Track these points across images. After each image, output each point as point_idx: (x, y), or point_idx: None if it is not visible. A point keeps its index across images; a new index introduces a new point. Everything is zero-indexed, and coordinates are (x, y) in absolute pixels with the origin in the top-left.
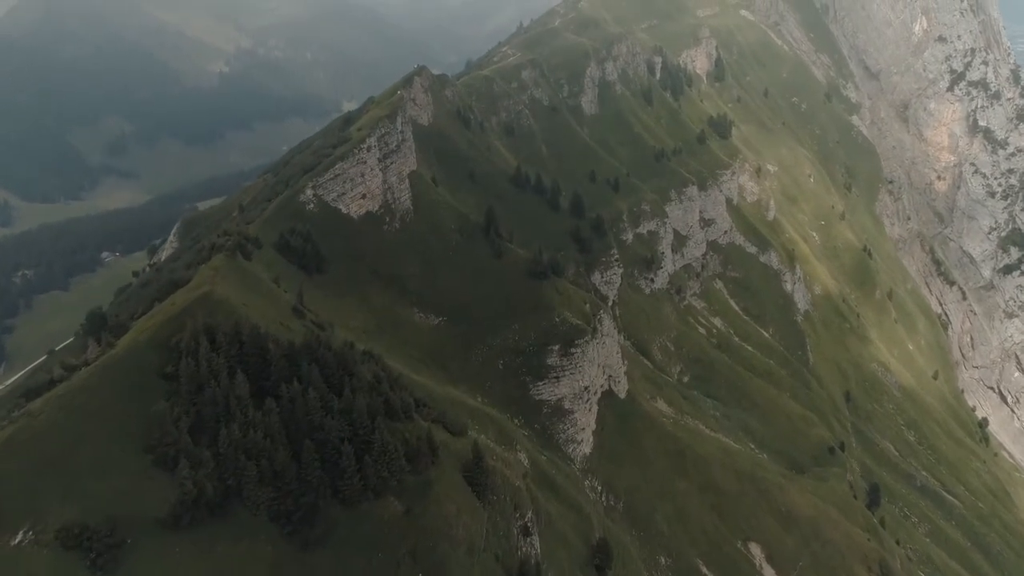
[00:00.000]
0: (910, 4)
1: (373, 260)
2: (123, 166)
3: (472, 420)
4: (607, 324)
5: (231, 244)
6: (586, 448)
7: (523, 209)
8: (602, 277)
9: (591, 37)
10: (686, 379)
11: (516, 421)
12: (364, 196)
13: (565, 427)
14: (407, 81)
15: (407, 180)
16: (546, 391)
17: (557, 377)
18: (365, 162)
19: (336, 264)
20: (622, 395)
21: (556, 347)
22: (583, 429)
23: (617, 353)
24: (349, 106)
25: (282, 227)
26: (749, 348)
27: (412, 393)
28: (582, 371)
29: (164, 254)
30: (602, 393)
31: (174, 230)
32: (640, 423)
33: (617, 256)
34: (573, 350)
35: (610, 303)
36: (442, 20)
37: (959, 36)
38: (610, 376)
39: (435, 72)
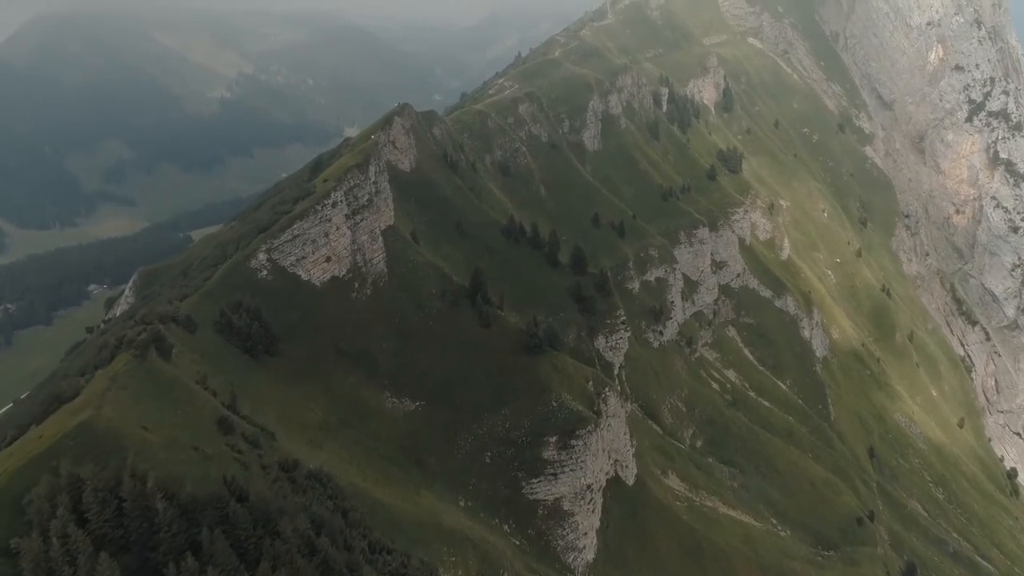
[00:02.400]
0: (924, 32)
1: (338, 335)
2: (120, 192)
3: (448, 548)
4: (613, 404)
5: (143, 339)
6: (589, 555)
7: (517, 265)
8: (607, 342)
9: (593, 68)
10: (699, 444)
11: (506, 527)
12: (328, 259)
13: (564, 532)
14: (386, 122)
15: (381, 238)
16: (542, 490)
17: (555, 474)
18: (330, 220)
19: (293, 342)
20: (630, 481)
21: (553, 438)
22: (585, 533)
23: (625, 434)
24: (350, 131)
25: (225, 301)
26: (766, 404)
27: (367, 532)
28: (584, 466)
29: (119, 309)
30: (608, 481)
31: (131, 283)
32: (651, 514)
33: (624, 318)
34: (573, 442)
35: (616, 370)
36: (445, 46)
37: (977, 65)
38: (617, 460)
39: (436, 97)
